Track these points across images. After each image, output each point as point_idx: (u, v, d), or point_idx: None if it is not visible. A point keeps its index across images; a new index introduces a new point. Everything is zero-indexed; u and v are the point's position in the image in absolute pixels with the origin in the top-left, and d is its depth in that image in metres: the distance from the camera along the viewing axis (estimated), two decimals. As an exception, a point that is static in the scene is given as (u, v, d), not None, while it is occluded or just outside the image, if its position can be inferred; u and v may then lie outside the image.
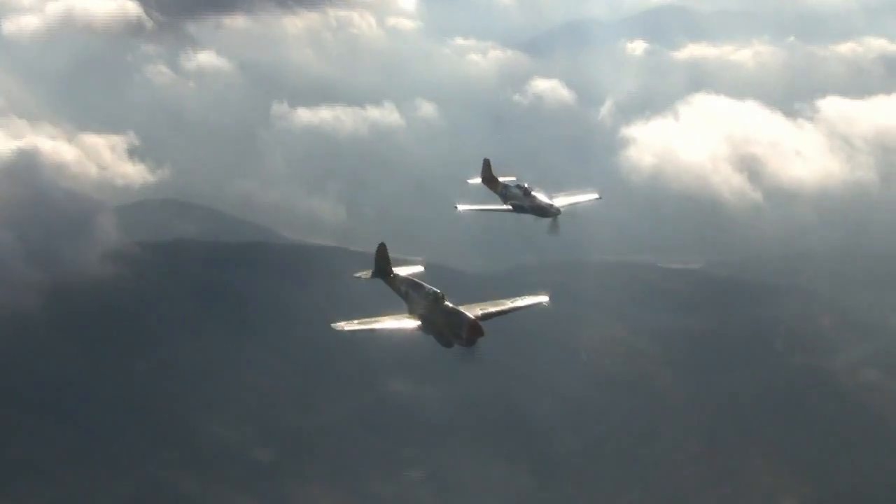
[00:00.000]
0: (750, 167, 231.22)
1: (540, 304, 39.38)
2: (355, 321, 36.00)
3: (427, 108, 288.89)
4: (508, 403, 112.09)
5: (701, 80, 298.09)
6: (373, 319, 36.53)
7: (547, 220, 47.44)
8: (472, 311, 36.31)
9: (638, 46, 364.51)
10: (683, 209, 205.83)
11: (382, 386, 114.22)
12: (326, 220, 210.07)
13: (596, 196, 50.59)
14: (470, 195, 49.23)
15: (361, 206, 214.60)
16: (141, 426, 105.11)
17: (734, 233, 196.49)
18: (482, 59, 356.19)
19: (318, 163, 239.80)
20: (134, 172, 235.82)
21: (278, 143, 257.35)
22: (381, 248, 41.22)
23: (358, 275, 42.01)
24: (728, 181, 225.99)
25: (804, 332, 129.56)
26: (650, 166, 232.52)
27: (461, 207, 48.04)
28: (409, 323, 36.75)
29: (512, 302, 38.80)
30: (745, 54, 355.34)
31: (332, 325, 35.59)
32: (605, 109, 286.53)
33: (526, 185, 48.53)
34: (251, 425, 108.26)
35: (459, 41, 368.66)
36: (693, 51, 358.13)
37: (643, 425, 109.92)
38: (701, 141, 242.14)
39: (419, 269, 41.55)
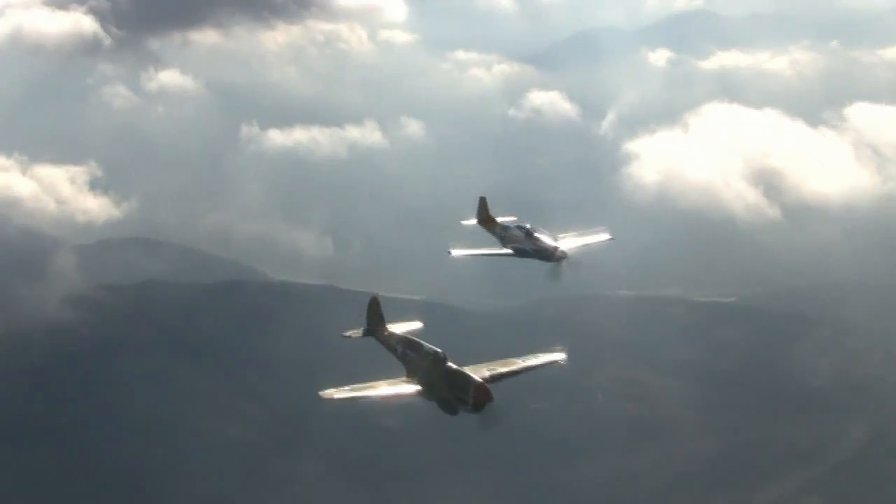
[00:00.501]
0: (768, 181, 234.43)
1: (556, 362, 39.72)
2: (346, 388, 35.87)
3: (413, 127, 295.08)
4: (514, 449, 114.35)
5: (732, 90, 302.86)
6: (366, 385, 36.36)
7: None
8: (479, 373, 36.31)
9: (661, 56, 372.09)
10: (699, 232, 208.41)
11: (372, 439, 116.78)
12: (311, 254, 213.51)
13: (608, 236, 51.04)
14: (465, 235, 50.21)
15: (349, 239, 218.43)
16: (106, 486, 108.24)
17: (758, 258, 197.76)
18: (486, 73, 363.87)
19: (296, 190, 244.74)
20: (97, 206, 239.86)
21: (249, 169, 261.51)
22: (374, 303, 41.16)
23: (347, 334, 42.08)
24: (745, 198, 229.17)
25: (852, 369, 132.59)
26: (656, 183, 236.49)
27: (455, 253, 48.37)
28: (408, 388, 36.49)
29: (524, 361, 38.85)
30: (781, 62, 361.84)
31: (321, 393, 35.49)
32: (610, 122, 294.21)
33: (528, 227, 48.51)
34: (231, 480, 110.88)
35: (460, 55, 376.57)
36: (723, 59, 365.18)
37: (662, 476, 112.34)
38: (713, 154, 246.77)
39: (417, 325, 41.65)
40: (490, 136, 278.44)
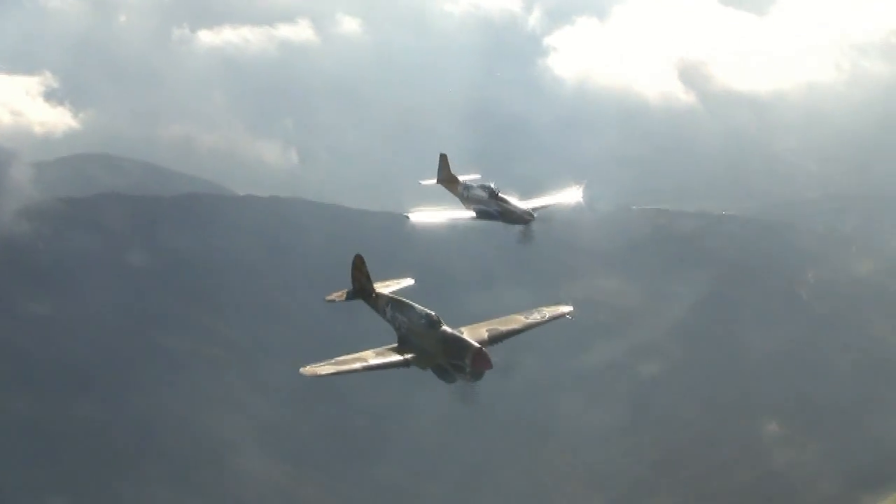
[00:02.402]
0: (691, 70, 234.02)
1: (562, 316, 36.79)
2: (331, 362, 32.46)
3: (349, 25, 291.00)
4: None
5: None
6: (352, 357, 32.90)
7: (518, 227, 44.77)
8: (478, 334, 33.79)
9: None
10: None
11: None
12: (274, 167, 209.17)
13: (579, 194, 48.24)
14: (425, 195, 46.72)
15: (314, 151, 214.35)
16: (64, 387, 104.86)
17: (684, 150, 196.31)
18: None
19: (257, 100, 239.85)
20: (54, 117, 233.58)
21: (185, 71, 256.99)
22: (358, 261, 37.57)
23: (330, 297, 38.41)
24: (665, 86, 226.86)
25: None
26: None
27: (414, 217, 44.50)
28: (399, 357, 33.29)
29: (527, 317, 35.86)
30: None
31: (302, 370, 32.00)
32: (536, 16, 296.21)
33: (492, 186, 45.94)
34: (187, 391, 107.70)
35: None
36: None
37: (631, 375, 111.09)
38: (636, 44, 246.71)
39: (408, 282, 38.43)
40: (427, 32, 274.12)
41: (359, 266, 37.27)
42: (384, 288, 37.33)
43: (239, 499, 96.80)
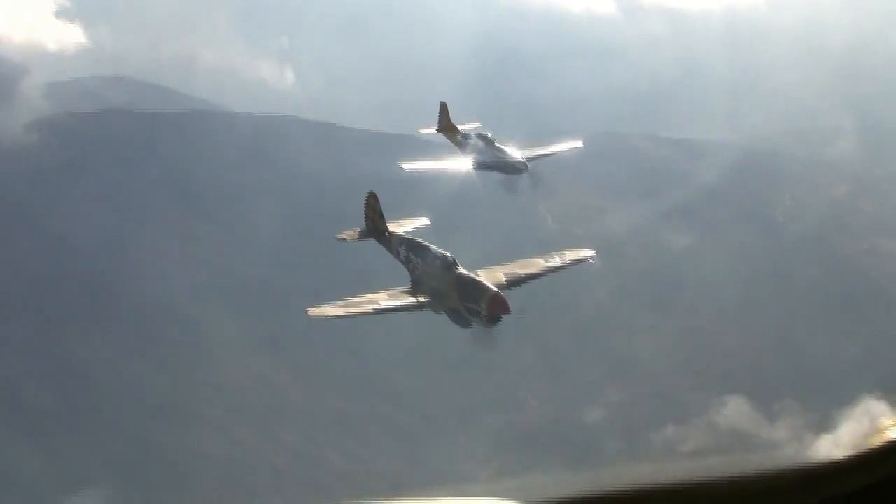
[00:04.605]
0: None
1: (584, 260, 36.15)
2: (339, 304, 31.26)
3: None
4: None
5: None
6: (362, 299, 31.57)
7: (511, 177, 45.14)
8: (495, 277, 32.32)
9: None
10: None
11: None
12: (272, 86, 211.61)
13: (579, 143, 48.66)
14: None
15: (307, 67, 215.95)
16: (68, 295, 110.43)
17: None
18: None
19: (258, 18, 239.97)
20: (65, 35, 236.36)
21: None
22: (372, 199, 36.09)
23: (341, 236, 37.35)
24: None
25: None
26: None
27: (408, 166, 44.96)
28: (412, 300, 32.07)
29: (546, 261, 34.79)
30: None
31: (309, 311, 31.00)
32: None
33: (489, 135, 46.20)
34: (181, 295, 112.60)
35: None
36: None
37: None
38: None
39: (424, 222, 37.37)
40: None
41: (372, 204, 35.87)
42: (398, 227, 36.04)
43: (219, 386, 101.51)
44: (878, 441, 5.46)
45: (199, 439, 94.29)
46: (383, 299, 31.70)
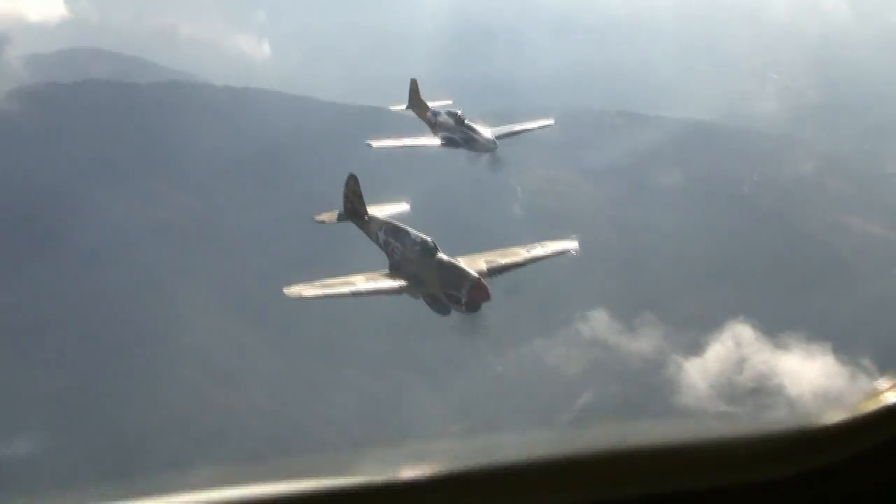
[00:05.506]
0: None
1: (566, 251, 36.03)
2: (317, 284, 30.74)
3: None
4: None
5: None
6: (340, 281, 31.10)
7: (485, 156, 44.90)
8: (476, 265, 31.90)
9: None
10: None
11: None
12: (250, 59, 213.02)
13: (551, 121, 49.19)
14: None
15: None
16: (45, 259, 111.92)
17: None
18: None
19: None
20: (48, 6, 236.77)
21: None
22: (352, 182, 35.60)
23: (320, 218, 36.88)
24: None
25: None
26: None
27: (376, 143, 44.56)
28: (391, 283, 31.65)
29: (528, 251, 34.43)
30: None
31: (286, 290, 30.39)
32: None
33: (459, 113, 45.69)
34: (157, 260, 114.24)
35: None
36: None
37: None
38: None
39: (403, 207, 37.27)
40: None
41: (352, 187, 35.43)
42: (378, 211, 35.76)
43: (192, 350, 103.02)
44: (872, 406, 5.16)
45: (169, 401, 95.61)
46: (361, 282, 31.29)
